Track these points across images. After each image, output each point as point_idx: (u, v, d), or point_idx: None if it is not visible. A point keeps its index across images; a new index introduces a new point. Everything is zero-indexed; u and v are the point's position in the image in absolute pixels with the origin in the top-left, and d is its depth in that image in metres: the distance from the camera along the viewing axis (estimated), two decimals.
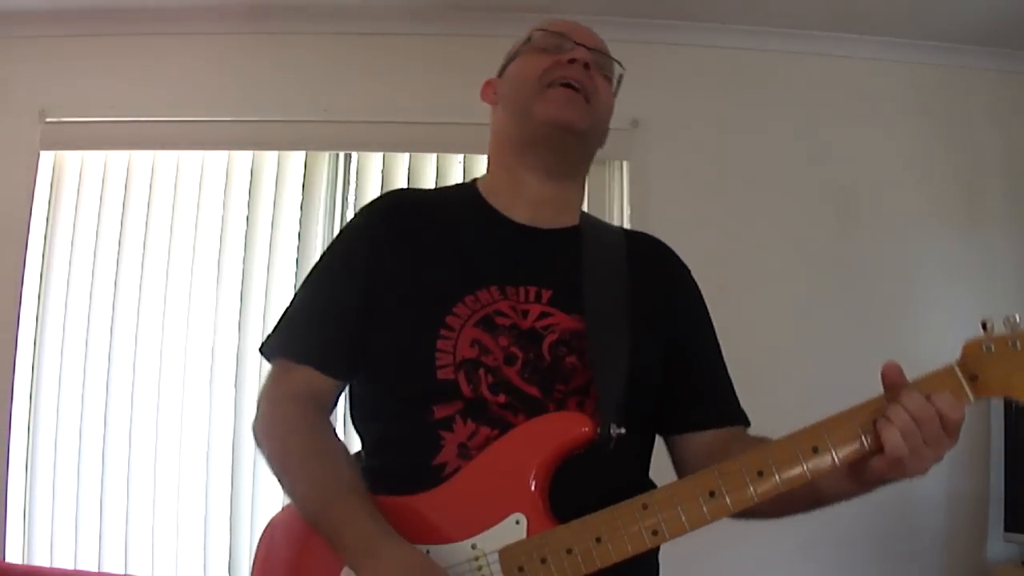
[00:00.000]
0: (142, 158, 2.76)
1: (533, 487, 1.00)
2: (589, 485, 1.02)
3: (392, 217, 1.21)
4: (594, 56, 1.20)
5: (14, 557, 2.53)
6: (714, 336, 1.24)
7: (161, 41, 2.73)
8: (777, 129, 2.77)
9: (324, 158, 2.79)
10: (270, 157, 2.77)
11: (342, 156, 2.81)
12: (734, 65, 2.80)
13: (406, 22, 2.73)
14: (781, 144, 2.76)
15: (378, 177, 2.78)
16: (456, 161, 2.78)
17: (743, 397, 1.23)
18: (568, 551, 0.97)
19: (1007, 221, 2.80)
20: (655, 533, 0.96)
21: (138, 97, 2.71)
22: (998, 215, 2.81)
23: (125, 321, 2.68)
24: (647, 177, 2.68)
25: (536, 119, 1.16)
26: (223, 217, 2.74)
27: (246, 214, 2.75)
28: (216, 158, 2.77)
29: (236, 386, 2.65)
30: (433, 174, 2.78)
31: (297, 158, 2.78)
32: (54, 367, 2.66)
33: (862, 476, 0.96)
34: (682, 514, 0.96)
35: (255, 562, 1.13)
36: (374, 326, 1.12)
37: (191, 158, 2.76)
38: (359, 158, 2.80)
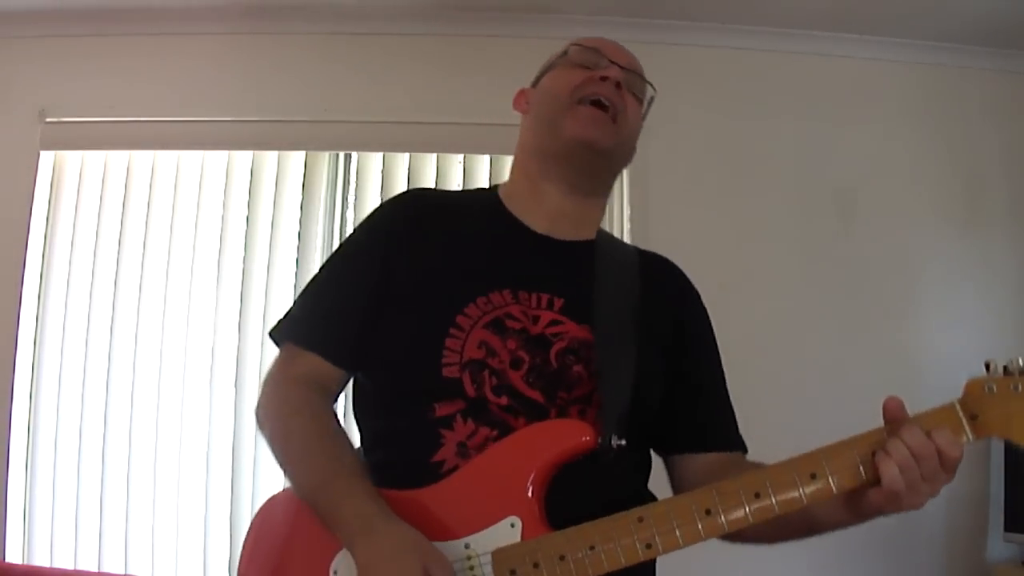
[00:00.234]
0: (142, 158, 2.76)
1: (530, 492, 1.01)
2: (586, 494, 1.03)
3: (414, 213, 1.22)
4: (627, 76, 1.20)
5: (14, 557, 2.53)
6: (719, 361, 1.26)
7: (161, 41, 2.73)
8: (777, 129, 2.77)
9: (324, 158, 2.79)
10: (270, 157, 2.77)
11: (342, 156, 2.81)
12: (734, 65, 2.79)
13: (406, 22, 2.72)
14: (781, 144, 2.76)
15: (378, 177, 2.77)
16: (456, 161, 2.77)
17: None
18: (561, 558, 0.97)
19: (1007, 221, 2.80)
20: (649, 546, 0.97)
21: (138, 97, 2.71)
22: (998, 215, 2.81)
23: (125, 321, 2.69)
24: (647, 177, 2.67)
25: (563, 135, 1.17)
26: (223, 217, 2.74)
27: (246, 214, 2.75)
28: (216, 158, 2.77)
29: (236, 386, 2.65)
30: (433, 174, 2.78)
31: (297, 158, 2.78)
32: (54, 367, 2.66)
33: (858, 507, 0.98)
34: (677, 529, 0.97)
35: (245, 544, 1.13)
36: (385, 320, 1.13)
37: (191, 158, 2.76)
38: (359, 158, 2.80)
